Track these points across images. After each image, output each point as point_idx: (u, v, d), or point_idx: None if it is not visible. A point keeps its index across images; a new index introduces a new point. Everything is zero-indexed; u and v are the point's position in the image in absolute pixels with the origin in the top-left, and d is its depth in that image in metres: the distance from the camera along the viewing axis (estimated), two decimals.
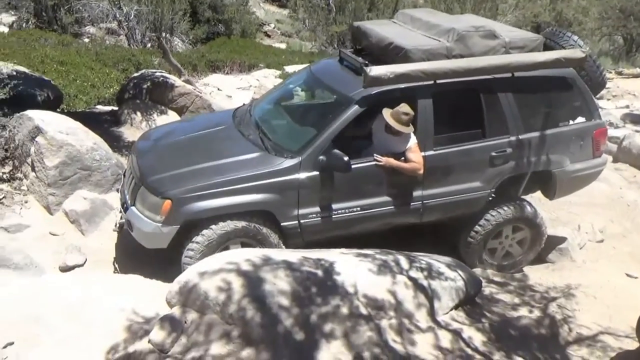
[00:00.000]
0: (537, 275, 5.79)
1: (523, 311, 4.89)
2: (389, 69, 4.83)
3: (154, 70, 9.21)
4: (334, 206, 5.05)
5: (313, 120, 5.53)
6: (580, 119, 5.72)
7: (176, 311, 3.99)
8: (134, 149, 5.74)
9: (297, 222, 4.98)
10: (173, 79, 9.02)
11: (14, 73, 5.82)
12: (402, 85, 4.98)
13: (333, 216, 5.06)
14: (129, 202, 5.12)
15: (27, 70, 7.44)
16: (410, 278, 4.40)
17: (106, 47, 11.57)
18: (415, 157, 5.02)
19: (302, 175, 4.88)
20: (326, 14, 15.90)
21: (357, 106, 4.96)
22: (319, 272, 4.21)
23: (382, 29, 5.64)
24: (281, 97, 6.25)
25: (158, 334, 3.86)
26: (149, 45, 13.19)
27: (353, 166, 4.82)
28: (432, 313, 4.30)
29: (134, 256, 5.42)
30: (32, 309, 4.07)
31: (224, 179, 4.82)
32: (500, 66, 5.14)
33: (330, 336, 3.84)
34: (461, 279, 4.63)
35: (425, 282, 4.42)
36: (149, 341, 3.88)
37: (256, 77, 13.74)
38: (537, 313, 4.87)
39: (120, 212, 5.36)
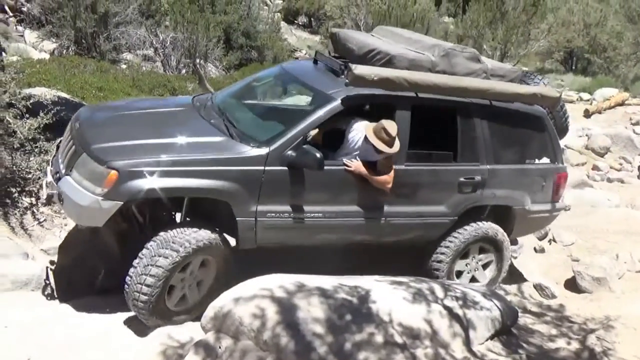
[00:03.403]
0: (574, 306, 5.68)
1: (561, 343, 4.79)
2: (373, 70, 4.73)
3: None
4: (295, 208, 4.69)
5: (284, 114, 5.35)
6: (545, 160, 5.70)
7: (210, 337, 4.00)
8: (75, 117, 5.04)
9: (254, 219, 4.55)
10: None
11: (56, 99, 5.97)
12: (383, 92, 4.82)
13: (292, 218, 4.69)
14: (62, 171, 4.46)
15: (67, 96, 7.64)
16: (445, 307, 4.35)
17: (142, 73, 11.75)
18: (387, 169, 4.81)
19: (268, 168, 4.48)
20: None
21: (335, 104, 4.70)
22: (354, 300, 4.19)
23: (363, 37, 5.59)
24: (248, 91, 5.87)
25: (193, 359, 3.88)
26: (183, 71, 13.40)
27: None
28: (467, 343, 4.24)
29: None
30: (63, 336, 4.18)
31: (181, 158, 4.34)
32: (482, 90, 5.11)
33: None
34: (497, 308, 4.56)
35: (460, 312, 4.37)
36: None
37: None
38: (575, 345, 4.76)
39: (49, 183, 4.64)
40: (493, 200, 5.45)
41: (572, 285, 6.33)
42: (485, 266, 5.68)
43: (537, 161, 5.64)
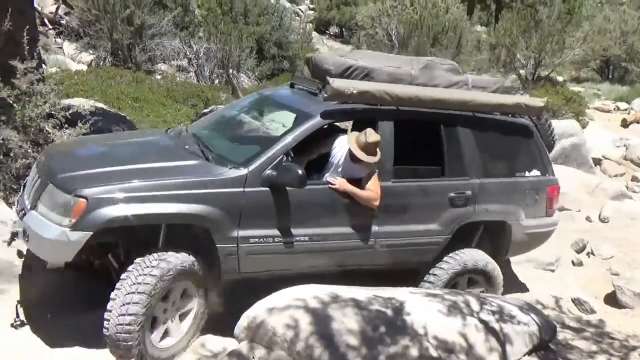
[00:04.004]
0: (615, 322, 5.52)
1: None
2: (351, 83, 4.61)
3: (222, 106, 9.45)
4: (280, 231, 4.40)
5: (262, 138, 5.09)
6: (535, 172, 5.51)
7: (244, 347, 3.99)
8: (43, 152, 4.90)
9: (235, 245, 4.27)
10: None
11: (94, 109, 6.09)
12: (364, 107, 4.68)
13: (277, 244, 4.41)
14: (28, 207, 4.18)
15: (105, 107, 7.79)
16: (482, 321, 4.26)
17: (177, 83, 11.95)
18: (373, 186, 4.58)
19: (248, 189, 4.23)
20: (389, 50, 16.00)
21: (315, 121, 4.52)
22: (388, 312, 4.14)
23: (338, 57, 5.40)
24: (223, 120, 5.61)
25: None
26: (217, 81, 13.58)
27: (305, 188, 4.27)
28: (504, 358, 4.14)
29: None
30: None
31: (154, 183, 4.05)
32: (464, 102, 4.98)
33: None
34: (535, 323, 4.45)
35: (497, 326, 4.27)
36: None
37: None
38: None
39: (15, 222, 4.38)
40: (487, 216, 5.23)
41: (612, 300, 6.16)
42: None
43: (527, 174, 5.46)
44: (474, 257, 5.17)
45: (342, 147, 4.74)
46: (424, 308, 4.27)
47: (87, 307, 4.45)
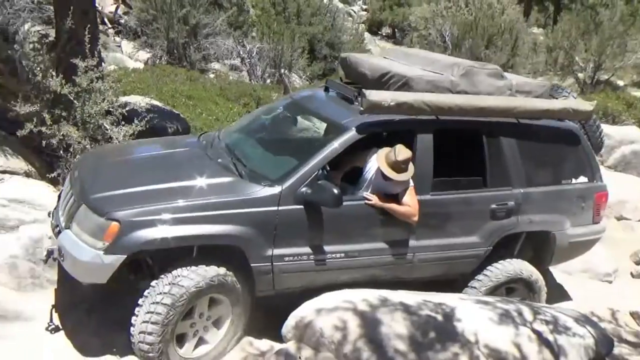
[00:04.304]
0: None
1: None
2: (389, 95, 4.39)
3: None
4: (314, 249, 4.32)
5: (296, 148, 5.02)
6: (582, 179, 5.26)
7: (291, 346, 4.00)
8: (76, 164, 4.82)
9: (269, 264, 4.20)
10: None
11: (150, 107, 6.21)
12: (402, 117, 4.49)
13: (313, 261, 4.33)
14: (62, 224, 4.16)
15: (160, 104, 7.95)
16: (534, 331, 4.14)
17: (229, 82, 12.10)
18: (411, 200, 4.43)
19: (282, 208, 4.14)
20: (442, 51, 15.78)
21: (350, 135, 4.37)
22: (438, 317, 4.07)
23: (375, 60, 5.28)
24: (256, 125, 5.52)
25: None
26: (268, 81, 13.68)
27: None
28: None
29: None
30: None
31: (187, 204, 3.99)
32: (508, 109, 4.76)
33: None
34: (591, 336, 4.29)
35: (550, 337, 4.14)
36: None
37: None
38: None
39: (50, 237, 4.41)
40: (530, 227, 5.06)
41: None
42: None
43: (573, 181, 5.25)
44: (518, 267, 5.05)
45: (374, 162, 4.58)
46: (474, 315, 4.18)
47: (122, 311, 4.47)
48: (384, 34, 25.89)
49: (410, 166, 4.38)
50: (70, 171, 4.72)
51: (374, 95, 4.31)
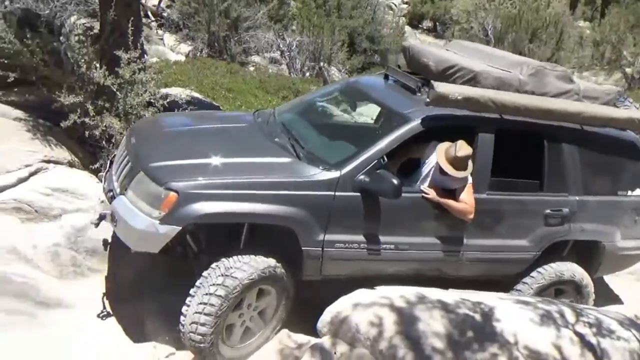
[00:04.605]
0: None
1: None
2: (457, 88, 4.29)
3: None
4: (366, 239, 4.27)
5: (355, 134, 4.97)
6: (638, 192, 5.07)
7: (326, 341, 3.97)
8: (132, 129, 4.80)
9: (320, 248, 4.16)
10: None
11: (190, 99, 6.26)
12: (465, 113, 4.38)
13: (362, 249, 4.28)
14: (117, 190, 4.18)
15: (200, 96, 8.03)
16: (577, 333, 4.02)
17: (269, 75, 12.16)
18: (468, 197, 4.35)
19: (339, 193, 4.09)
20: (484, 44, 15.51)
21: (413, 125, 4.28)
22: (476, 316, 3.99)
23: (440, 52, 5.13)
24: (312, 107, 5.43)
25: None
26: (307, 74, 13.70)
27: None
28: None
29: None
30: None
31: (246, 180, 3.96)
32: (574, 113, 4.58)
33: None
34: (636, 340, 4.14)
35: (593, 340, 4.01)
36: None
37: None
38: None
39: (102, 202, 4.37)
40: (581, 235, 4.95)
41: None
42: None
43: (630, 192, 5.08)
44: (571, 269, 4.96)
45: (433, 156, 4.52)
46: (514, 315, 4.09)
47: (171, 297, 4.54)
48: (424, 28, 25.59)
49: (470, 164, 4.31)
50: (126, 136, 4.70)
51: (442, 87, 4.22)
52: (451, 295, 4.21)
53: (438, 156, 4.32)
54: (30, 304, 4.32)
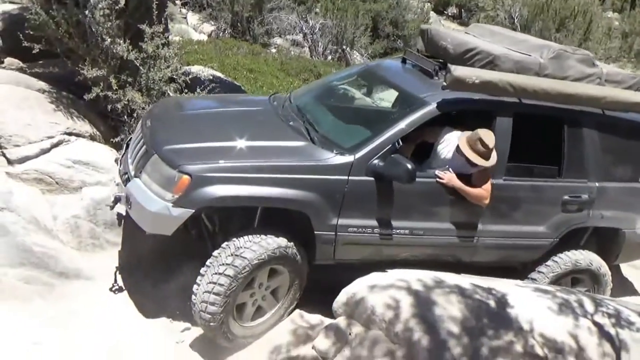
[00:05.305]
0: None
1: None
2: (474, 72, 4.22)
3: None
4: (379, 223, 4.24)
5: (370, 118, 4.92)
6: None
7: (341, 322, 3.98)
8: (148, 112, 4.83)
9: (333, 233, 4.15)
10: None
11: (211, 77, 6.24)
12: (483, 97, 4.32)
13: (376, 234, 4.25)
14: (131, 172, 4.20)
15: (222, 75, 8.01)
16: (595, 323, 3.98)
17: (290, 57, 12.11)
18: (484, 182, 4.31)
19: (353, 178, 4.06)
20: None
21: (429, 109, 4.22)
22: (492, 303, 3.96)
23: (458, 35, 5.03)
24: (328, 91, 5.39)
25: (323, 342, 3.89)
26: (329, 57, 13.62)
27: None
28: None
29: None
30: None
31: (259, 164, 3.95)
32: (595, 98, 4.49)
33: None
34: None
35: (612, 330, 3.97)
36: (313, 347, 3.93)
37: None
38: None
39: (118, 184, 4.43)
40: (601, 222, 4.89)
41: None
42: None
43: None
44: (588, 257, 4.90)
45: (451, 141, 4.45)
46: (531, 303, 4.06)
47: (178, 275, 4.68)
48: (449, 14, 25.20)
49: (494, 153, 4.24)
50: (142, 119, 4.71)
51: (460, 71, 4.15)
52: (468, 281, 4.18)
53: (463, 148, 4.22)
54: (49, 274, 4.39)
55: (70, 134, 5.13)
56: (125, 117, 5.47)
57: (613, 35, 16.82)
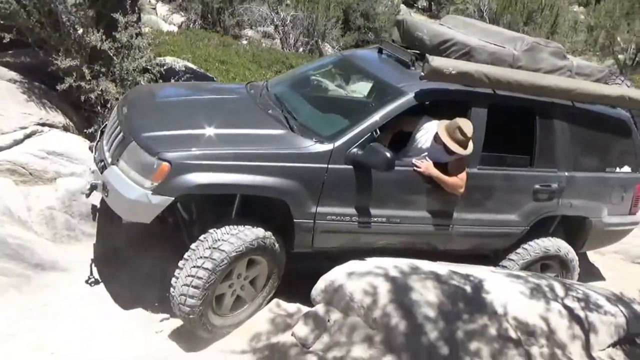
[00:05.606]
0: None
1: None
2: (452, 63, 4.29)
3: None
4: (358, 211, 4.28)
5: (349, 107, 4.96)
6: (626, 169, 5.16)
7: (320, 309, 4.03)
8: (124, 99, 4.73)
9: (312, 221, 4.17)
10: None
11: (184, 68, 6.21)
12: (459, 88, 4.39)
13: (353, 222, 4.29)
14: (108, 160, 4.14)
15: (194, 67, 7.97)
16: (566, 307, 4.12)
17: (262, 49, 12.07)
18: (459, 172, 4.39)
19: (332, 166, 4.08)
20: None
21: (407, 99, 4.26)
22: (468, 288, 4.07)
23: (434, 26, 5.11)
24: (305, 80, 5.39)
25: (302, 329, 3.94)
26: (301, 49, 13.61)
27: None
28: (587, 347, 3.99)
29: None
30: None
31: (239, 151, 3.94)
32: (566, 90, 4.63)
33: (476, 356, 3.69)
34: (622, 315, 4.26)
35: (581, 313, 4.11)
36: (293, 334, 3.98)
37: None
38: None
39: (94, 172, 4.33)
40: (569, 211, 5.03)
41: None
42: None
43: (618, 169, 5.17)
44: (556, 244, 5.04)
45: (429, 130, 4.51)
46: (505, 288, 4.18)
47: (154, 265, 4.65)
48: (419, 7, 25.37)
49: (471, 143, 4.33)
50: (118, 105, 4.63)
51: (437, 61, 4.21)
52: (444, 268, 4.27)
53: (442, 136, 4.28)
54: (24, 265, 4.32)
55: (43, 124, 5.07)
56: (99, 107, 5.42)
57: (579, 29, 17.18)
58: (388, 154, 3.98)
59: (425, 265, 4.26)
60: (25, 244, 4.38)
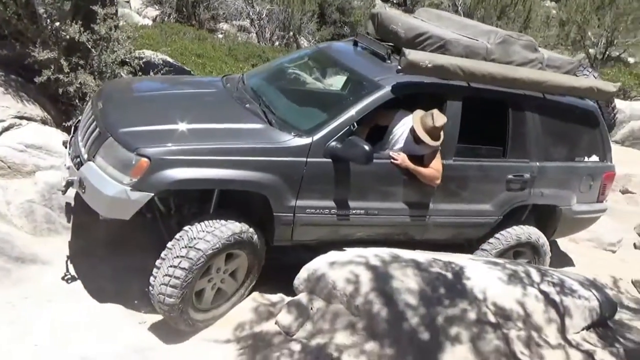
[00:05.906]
0: None
1: None
2: (428, 56, 4.33)
3: None
4: (337, 204, 4.32)
5: (327, 101, 5.00)
6: (594, 158, 5.35)
7: (303, 297, 4.09)
8: (98, 94, 4.63)
9: (292, 214, 4.20)
10: None
11: (161, 62, 6.19)
12: (434, 81, 4.44)
13: (334, 215, 4.33)
14: (84, 156, 4.06)
15: (172, 60, 7.93)
16: (542, 291, 4.23)
17: (238, 43, 12.04)
18: (435, 163, 4.45)
19: (311, 159, 4.11)
20: None
21: (383, 92, 4.31)
22: (448, 275, 4.16)
23: (409, 19, 5.17)
24: (281, 73, 5.39)
25: (285, 317, 4.00)
26: (277, 43, 13.61)
27: None
28: (562, 330, 4.11)
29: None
30: None
31: (218, 146, 3.92)
32: (538, 82, 4.75)
33: (456, 340, 3.79)
34: (595, 299, 4.38)
35: (557, 298, 4.23)
36: (276, 322, 4.03)
37: None
38: None
39: (69, 168, 4.23)
40: (540, 200, 5.15)
41: None
42: None
43: (586, 159, 5.33)
44: (527, 231, 5.17)
45: (404, 123, 4.55)
46: (483, 274, 4.28)
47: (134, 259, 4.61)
48: (395, 1, 25.54)
49: (442, 133, 4.39)
50: (92, 100, 4.56)
51: (414, 54, 4.25)
52: (424, 255, 4.36)
53: (415, 124, 4.36)
54: (5, 259, 4.31)
55: (21, 117, 5.03)
56: (77, 100, 5.38)
57: (551, 23, 17.44)
58: (367, 147, 4.01)
59: (406, 253, 4.35)
60: (5, 237, 4.37)
